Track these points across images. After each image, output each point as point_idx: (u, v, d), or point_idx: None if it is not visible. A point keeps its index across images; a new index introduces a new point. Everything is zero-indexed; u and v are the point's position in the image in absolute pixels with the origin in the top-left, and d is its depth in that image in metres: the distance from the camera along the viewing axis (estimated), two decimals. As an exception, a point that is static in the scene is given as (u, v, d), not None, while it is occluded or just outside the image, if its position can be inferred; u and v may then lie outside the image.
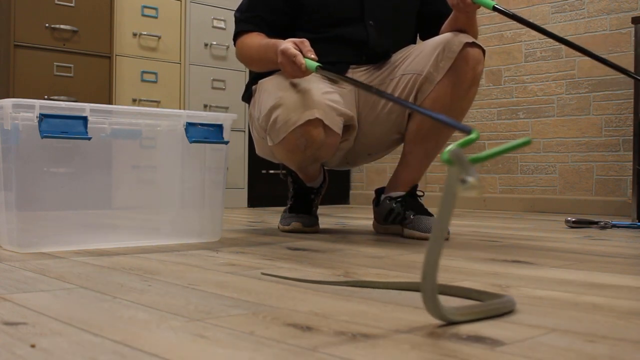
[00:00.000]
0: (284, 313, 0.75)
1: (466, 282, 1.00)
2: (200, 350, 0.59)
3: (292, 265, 1.17)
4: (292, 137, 1.57)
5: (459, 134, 3.44)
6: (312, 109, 1.54)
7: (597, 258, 1.31)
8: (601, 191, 2.99)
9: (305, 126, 1.54)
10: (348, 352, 0.58)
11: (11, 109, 1.32)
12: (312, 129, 1.55)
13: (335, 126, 1.59)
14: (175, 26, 3.16)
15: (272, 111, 1.58)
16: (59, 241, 1.39)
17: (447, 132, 1.73)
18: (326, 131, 1.58)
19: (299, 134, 1.55)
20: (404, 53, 1.76)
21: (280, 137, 1.58)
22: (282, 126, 1.56)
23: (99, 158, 1.46)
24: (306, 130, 1.55)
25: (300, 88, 1.57)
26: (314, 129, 1.55)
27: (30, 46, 2.68)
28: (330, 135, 1.59)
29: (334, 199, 3.84)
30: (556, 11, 3.14)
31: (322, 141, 1.58)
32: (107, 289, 0.91)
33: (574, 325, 0.70)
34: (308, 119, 1.53)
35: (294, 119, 1.54)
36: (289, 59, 1.51)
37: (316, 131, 1.56)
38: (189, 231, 1.58)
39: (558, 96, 3.12)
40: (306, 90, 1.56)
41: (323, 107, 1.55)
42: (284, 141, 1.59)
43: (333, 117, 1.58)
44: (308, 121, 1.54)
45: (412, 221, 1.69)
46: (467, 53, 1.62)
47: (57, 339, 0.62)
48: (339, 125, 1.61)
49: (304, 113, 1.54)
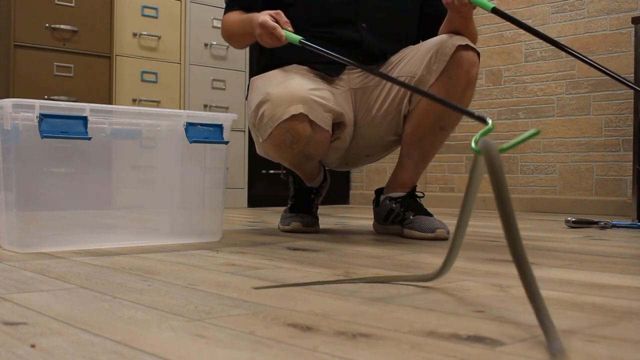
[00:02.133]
0: (284, 313, 0.75)
1: (466, 282, 1.00)
2: (200, 350, 0.59)
3: (292, 265, 1.17)
4: (277, 132, 1.57)
5: (459, 135, 3.44)
6: (297, 104, 1.55)
7: (597, 258, 1.31)
8: (601, 191, 2.99)
9: (289, 121, 1.55)
10: (348, 352, 0.58)
11: (11, 109, 1.32)
12: (297, 124, 1.55)
13: (322, 122, 1.59)
14: (175, 26, 3.16)
15: (259, 107, 1.59)
16: (59, 241, 1.39)
17: (443, 134, 1.72)
18: (313, 127, 1.58)
19: (284, 129, 1.56)
20: (401, 55, 1.76)
21: (267, 132, 1.60)
22: (268, 121, 1.57)
23: (99, 158, 1.46)
24: (291, 125, 1.55)
25: (287, 85, 1.57)
26: (298, 124, 1.56)
27: (30, 46, 2.68)
28: (317, 131, 1.59)
29: (334, 199, 3.84)
30: (556, 11, 3.13)
31: (309, 137, 1.58)
32: (107, 289, 0.91)
33: (574, 325, 0.70)
34: (292, 113, 1.54)
35: (279, 114, 1.55)
36: (268, 30, 1.59)
37: (301, 126, 1.56)
38: (189, 231, 1.58)
39: (558, 96, 3.12)
40: (293, 86, 1.57)
41: (308, 102, 1.56)
42: (271, 137, 1.60)
43: (320, 113, 1.59)
44: (293, 116, 1.55)
45: (412, 221, 1.69)
46: (460, 56, 1.62)
47: (57, 339, 0.62)
48: (326, 121, 1.61)
49: (288, 108, 1.54)
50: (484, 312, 0.77)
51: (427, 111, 1.67)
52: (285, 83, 1.58)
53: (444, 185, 3.54)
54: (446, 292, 0.91)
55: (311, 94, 1.57)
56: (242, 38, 1.77)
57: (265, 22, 1.59)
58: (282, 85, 1.58)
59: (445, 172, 3.53)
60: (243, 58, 3.39)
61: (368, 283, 0.97)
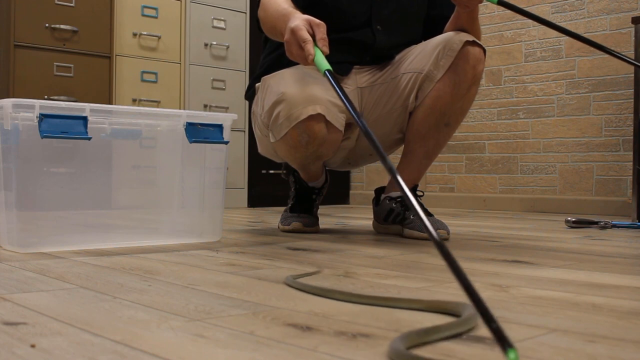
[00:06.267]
0: (284, 313, 0.75)
1: (466, 282, 1.00)
2: (200, 351, 0.59)
3: (292, 265, 1.17)
4: (294, 132, 1.57)
5: (459, 135, 3.43)
6: (315, 105, 1.54)
7: (597, 258, 1.31)
8: (601, 191, 2.99)
9: (307, 121, 1.54)
10: (348, 352, 0.58)
11: (11, 108, 1.32)
12: (314, 124, 1.55)
13: (337, 122, 1.59)
14: (175, 26, 3.16)
15: (274, 107, 1.58)
16: (59, 241, 1.39)
17: (448, 131, 1.72)
18: (328, 127, 1.58)
19: (301, 129, 1.56)
20: (406, 52, 1.76)
21: (282, 132, 1.59)
22: (284, 121, 1.56)
23: (99, 158, 1.46)
24: (308, 125, 1.55)
25: (303, 84, 1.57)
26: (316, 124, 1.55)
27: (30, 46, 2.68)
28: (332, 132, 1.59)
29: (334, 199, 3.84)
30: (556, 11, 3.13)
31: (324, 137, 1.58)
32: (107, 289, 0.91)
33: (574, 325, 0.70)
34: (310, 114, 1.53)
35: (296, 114, 1.54)
36: (298, 41, 1.37)
37: (318, 126, 1.56)
38: (189, 231, 1.58)
39: (558, 96, 3.12)
40: (309, 86, 1.56)
41: (325, 103, 1.56)
42: (286, 137, 1.59)
43: (335, 114, 1.58)
44: (310, 116, 1.54)
45: (412, 221, 1.69)
46: (467, 51, 1.62)
47: (57, 339, 0.62)
48: (340, 122, 1.61)
49: (306, 108, 1.54)
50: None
51: (432, 107, 1.67)
52: (301, 83, 1.57)
53: (444, 185, 3.54)
54: (446, 292, 0.91)
55: (327, 94, 1.57)
56: (273, 31, 1.57)
57: (298, 31, 1.36)
58: (298, 85, 1.56)
59: (445, 172, 3.53)
60: (243, 58, 3.39)
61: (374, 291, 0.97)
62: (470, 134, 3.43)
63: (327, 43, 1.36)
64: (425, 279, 1.02)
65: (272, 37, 1.65)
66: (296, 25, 1.37)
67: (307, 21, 1.38)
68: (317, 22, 1.39)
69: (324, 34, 1.37)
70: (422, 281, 1.00)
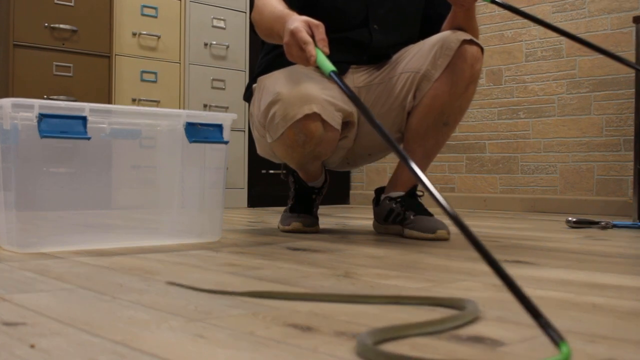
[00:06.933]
0: (284, 313, 0.75)
1: (466, 282, 1.00)
2: (200, 351, 0.59)
3: (292, 265, 1.17)
4: (290, 132, 1.56)
5: (459, 134, 3.43)
6: (311, 104, 1.54)
7: (598, 258, 1.31)
8: (602, 191, 2.98)
9: (303, 121, 1.54)
10: (348, 352, 0.58)
11: (10, 108, 1.31)
12: (311, 124, 1.55)
13: (333, 121, 1.59)
14: (175, 26, 3.16)
15: (270, 107, 1.58)
16: (59, 241, 1.39)
17: (447, 130, 1.72)
18: (325, 126, 1.58)
19: (297, 128, 1.55)
20: (404, 52, 1.76)
21: (278, 132, 1.58)
22: (280, 121, 1.56)
23: (98, 158, 1.46)
24: (304, 124, 1.55)
25: (298, 84, 1.56)
26: (312, 123, 1.55)
27: (29, 46, 2.68)
28: (329, 131, 1.59)
29: (334, 199, 3.84)
30: (557, 11, 3.13)
31: (321, 136, 1.58)
32: (107, 289, 0.91)
33: (574, 326, 0.70)
34: (306, 113, 1.53)
35: (292, 113, 1.54)
36: (298, 43, 1.36)
37: (314, 125, 1.55)
38: (189, 231, 1.58)
39: (559, 96, 3.12)
40: (304, 86, 1.56)
41: (321, 102, 1.55)
42: (282, 137, 1.59)
43: (331, 112, 1.58)
44: (306, 116, 1.54)
45: (412, 221, 1.68)
46: (464, 50, 1.62)
47: (56, 339, 0.62)
48: (337, 120, 1.61)
49: (302, 107, 1.53)
50: (484, 312, 0.77)
51: (430, 106, 1.67)
52: (296, 82, 1.57)
53: (444, 185, 3.54)
54: (446, 292, 0.91)
55: (323, 93, 1.57)
56: (269, 33, 1.57)
57: (298, 32, 1.36)
58: (293, 84, 1.56)
59: (445, 172, 3.53)
60: (243, 58, 3.39)
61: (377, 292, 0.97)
62: (471, 134, 3.42)
63: (327, 44, 1.36)
64: (425, 279, 1.02)
65: (268, 40, 1.65)
66: (295, 27, 1.37)
67: (305, 22, 1.38)
68: (316, 23, 1.39)
69: (324, 34, 1.38)
70: (422, 281, 1.00)
